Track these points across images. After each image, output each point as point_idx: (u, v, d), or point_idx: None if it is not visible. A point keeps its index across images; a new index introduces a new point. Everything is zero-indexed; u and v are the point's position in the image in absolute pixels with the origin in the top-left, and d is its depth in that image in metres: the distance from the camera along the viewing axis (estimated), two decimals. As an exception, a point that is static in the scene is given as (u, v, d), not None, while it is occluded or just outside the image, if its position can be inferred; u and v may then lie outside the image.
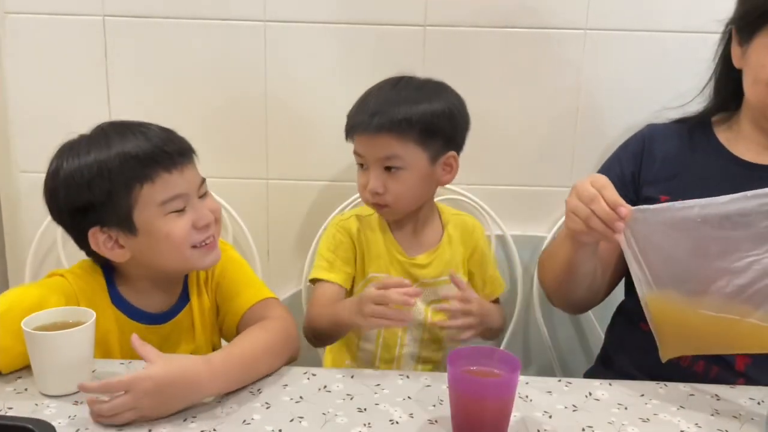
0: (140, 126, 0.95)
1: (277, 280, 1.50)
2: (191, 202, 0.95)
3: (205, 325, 1.05)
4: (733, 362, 1.00)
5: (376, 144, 1.10)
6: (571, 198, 0.92)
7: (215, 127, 1.43)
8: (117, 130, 0.94)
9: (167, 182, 0.92)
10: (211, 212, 0.97)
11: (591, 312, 1.47)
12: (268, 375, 0.92)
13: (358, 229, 1.19)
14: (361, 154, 1.13)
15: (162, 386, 0.80)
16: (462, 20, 1.37)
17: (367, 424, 0.81)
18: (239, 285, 1.05)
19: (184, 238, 0.94)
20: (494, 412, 0.77)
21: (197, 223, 0.95)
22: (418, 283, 1.18)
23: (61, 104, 1.41)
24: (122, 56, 1.40)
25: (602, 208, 0.89)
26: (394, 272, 1.18)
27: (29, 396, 0.85)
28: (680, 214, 0.86)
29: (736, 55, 1.02)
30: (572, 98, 1.41)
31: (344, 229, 1.20)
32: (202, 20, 1.38)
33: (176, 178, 0.93)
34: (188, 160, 0.96)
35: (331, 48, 1.39)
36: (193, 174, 0.96)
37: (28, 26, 1.38)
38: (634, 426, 0.82)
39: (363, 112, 1.11)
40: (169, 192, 0.92)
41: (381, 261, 1.18)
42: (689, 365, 1.02)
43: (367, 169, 1.13)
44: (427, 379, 0.92)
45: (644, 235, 0.89)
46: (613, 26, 1.37)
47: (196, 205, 0.96)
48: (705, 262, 0.87)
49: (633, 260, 0.91)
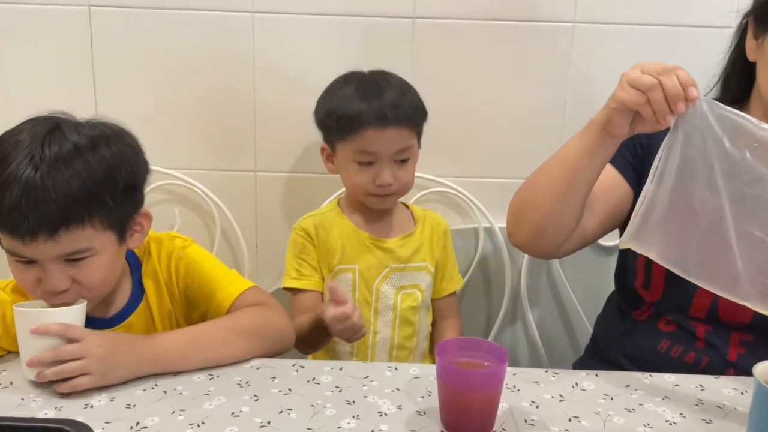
0: (30, 158, 0.82)
1: (265, 272, 1.50)
2: (43, 265, 0.86)
3: (165, 327, 1.02)
4: (726, 353, 1.00)
5: (391, 137, 1.13)
6: (633, 71, 0.86)
7: (203, 119, 1.42)
8: (18, 144, 0.84)
9: (12, 242, 0.84)
10: (72, 280, 0.87)
11: (578, 304, 1.48)
12: (248, 359, 0.93)
13: (315, 226, 1.22)
14: (370, 150, 1.14)
15: (111, 343, 0.84)
16: (450, 12, 1.37)
17: (355, 416, 0.81)
18: (214, 282, 1.01)
19: (30, 291, 0.89)
20: (482, 403, 0.77)
21: (41, 286, 0.87)
22: (389, 268, 1.21)
23: (46, 96, 1.39)
24: (108, 47, 1.38)
25: (673, 81, 0.82)
26: (365, 257, 1.21)
27: (14, 390, 0.85)
28: (744, 128, 0.81)
29: (751, 48, 1.00)
30: (560, 91, 1.42)
31: (303, 230, 1.23)
32: (189, 11, 1.36)
33: (22, 247, 0.84)
34: (34, 237, 0.83)
35: (319, 40, 1.38)
36: (44, 247, 0.84)
37: (12, 16, 1.36)
38: (620, 416, 0.83)
39: (372, 107, 1.12)
40: (15, 249, 0.85)
41: (346, 251, 1.21)
42: (680, 356, 1.03)
43: (370, 165, 1.15)
44: (415, 371, 0.93)
45: (688, 133, 0.84)
46: (601, 19, 1.38)
47: (47, 269, 0.86)
48: (733, 186, 0.83)
49: (666, 150, 0.86)
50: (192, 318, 1.04)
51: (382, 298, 1.22)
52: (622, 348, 1.09)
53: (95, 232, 0.87)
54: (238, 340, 0.93)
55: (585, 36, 1.38)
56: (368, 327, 1.21)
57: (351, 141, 1.15)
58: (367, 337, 1.20)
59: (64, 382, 0.82)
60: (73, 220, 0.84)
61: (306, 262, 1.22)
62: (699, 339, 1.02)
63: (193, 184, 1.43)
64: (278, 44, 1.38)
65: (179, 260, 1.02)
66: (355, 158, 1.16)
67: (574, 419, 0.82)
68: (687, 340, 1.03)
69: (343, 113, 1.14)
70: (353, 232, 1.22)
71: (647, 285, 1.06)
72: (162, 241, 1.04)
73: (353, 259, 1.21)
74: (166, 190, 1.45)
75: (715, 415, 0.84)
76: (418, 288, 1.24)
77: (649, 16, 1.37)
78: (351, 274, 1.22)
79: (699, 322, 1.02)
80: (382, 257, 1.22)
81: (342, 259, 1.21)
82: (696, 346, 1.02)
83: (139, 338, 0.90)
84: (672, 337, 1.04)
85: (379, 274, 1.22)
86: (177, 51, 1.38)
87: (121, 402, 0.82)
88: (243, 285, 1.02)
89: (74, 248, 0.86)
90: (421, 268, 1.24)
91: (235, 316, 0.97)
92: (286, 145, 1.44)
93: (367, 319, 1.21)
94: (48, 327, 0.82)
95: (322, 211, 1.27)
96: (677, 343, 1.03)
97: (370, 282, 1.22)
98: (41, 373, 0.83)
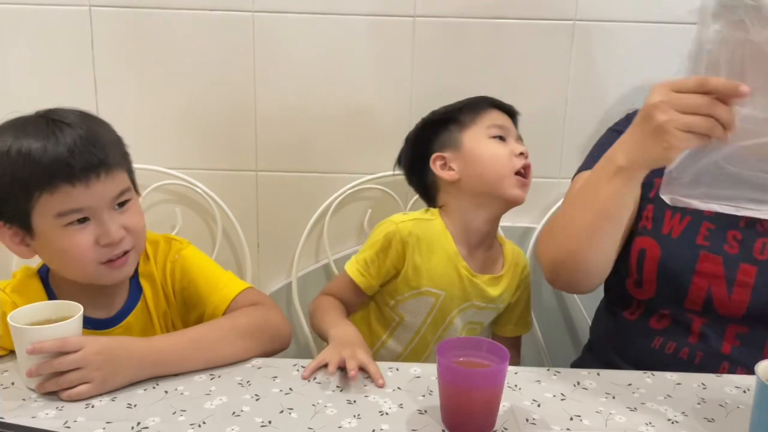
0: (63, 123, 0.88)
1: (266, 272, 1.50)
2: (97, 216, 0.89)
3: (162, 328, 1.03)
4: (720, 345, 1.00)
5: (512, 123, 1.20)
6: (666, 112, 0.77)
7: (204, 119, 1.42)
8: (38, 122, 0.88)
9: (68, 194, 0.86)
10: (126, 228, 0.91)
11: (579, 302, 1.48)
12: (248, 359, 0.93)
13: (418, 238, 1.12)
14: (502, 125, 1.17)
15: (109, 349, 0.84)
16: (451, 11, 1.36)
17: (356, 415, 0.81)
18: (210, 284, 1.01)
19: (83, 254, 0.89)
20: (483, 402, 0.77)
21: (100, 240, 0.89)
22: (470, 303, 1.16)
23: (47, 96, 1.38)
24: (109, 47, 1.38)
25: (724, 111, 0.74)
26: (455, 287, 1.14)
27: (16, 390, 0.85)
28: None
29: None
30: (561, 89, 1.41)
31: (399, 235, 1.11)
32: (190, 10, 1.36)
33: (79, 192, 0.86)
34: (95, 175, 0.87)
35: (320, 39, 1.38)
36: (104, 187, 0.88)
37: (12, 16, 1.36)
38: (622, 415, 0.83)
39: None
40: (69, 205, 0.87)
41: (441, 276, 1.13)
42: (674, 352, 1.02)
43: (505, 140, 1.16)
44: (416, 370, 0.92)
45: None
46: (602, 17, 1.37)
47: (103, 220, 0.89)
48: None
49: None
50: (189, 320, 1.04)
51: (450, 330, 1.17)
52: (616, 349, 1.09)
53: (127, 176, 0.95)
54: (237, 339, 0.93)
55: (586, 34, 1.38)
56: (426, 349, 1.18)
57: (480, 114, 1.20)
58: (421, 355, 1.18)
59: (66, 391, 0.82)
60: (118, 161, 0.92)
61: (378, 262, 1.13)
62: (693, 333, 1.01)
63: (194, 183, 1.43)
64: (278, 44, 1.38)
65: (175, 262, 1.02)
66: (493, 132, 1.16)
67: (575, 418, 0.82)
68: (680, 335, 1.02)
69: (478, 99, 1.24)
70: (455, 257, 1.13)
71: (639, 283, 1.05)
72: (158, 242, 1.04)
73: (444, 286, 1.13)
74: (167, 190, 1.45)
75: (717, 413, 0.84)
76: (482, 324, 1.22)
77: (651, 14, 1.37)
78: (434, 299, 1.14)
79: (695, 314, 1.01)
80: (470, 292, 1.15)
81: (433, 283, 1.13)
82: (689, 341, 1.01)
83: (138, 342, 0.89)
84: (664, 334, 1.03)
85: (458, 306, 1.15)
86: (177, 51, 1.38)
87: (122, 402, 0.82)
88: (239, 286, 1.02)
89: (123, 186, 0.92)
90: (498, 309, 1.21)
91: (233, 316, 0.97)
92: (287, 144, 1.44)
93: (426, 341, 1.17)
94: (44, 346, 0.81)
95: (426, 217, 1.15)
96: (670, 340, 1.03)
97: (447, 312, 1.15)
98: (41, 384, 0.83)
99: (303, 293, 1.46)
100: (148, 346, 0.88)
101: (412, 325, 1.16)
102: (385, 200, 1.45)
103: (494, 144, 1.14)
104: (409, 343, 1.18)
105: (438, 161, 1.17)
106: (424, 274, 1.13)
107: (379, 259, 1.13)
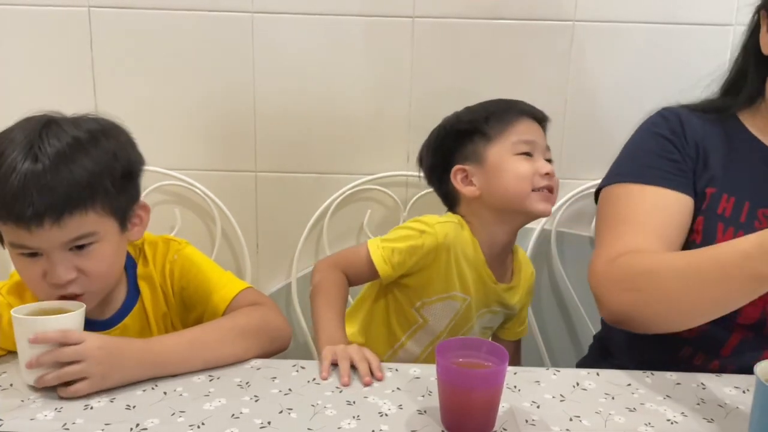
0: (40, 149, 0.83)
1: (266, 273, 1.50)
2: (48, 253, 0.86)
3: (160, 329, 1.02)
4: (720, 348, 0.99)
5: (541, 132, 1.15)
6: None
7: (203, 119, 1.42)
8: (25, 138, 0.85)
9: (14, 231, 0.85)
10: (81, 270, 0.88)
11: (580, 305, 1.48)
12: (248, 359, 0.93)
13: (452, 244, 1.09)
14: (530, 140, 1.11)
15: (110, 345, 0.84)
16: (450, 11, 1.37)
17: (356, 416, 0.81)
18: (209, 284, 1.01)
19: (34, 286, 0.89)
20: (482, 403, 0.77)
21: (47, 277, 0.87)
22: (489, 309, 1.16)
23: (46, 96, 1.38)
24: (108, 48, 1.38)
25: None
26: (480, 293, 1.14)
27: (14, 391, 0.85)
28: None
29: (765, 43, 0.97)
30: (560, 90, 1.41)
31: (435, 237, 1.08)
32: (189, 11, 1.36)
33: (23, 233, 0.84)
34: (36, 223, 0.83)
35: (319, 39, 1.38)
36: (49, 234, 0.84)
37: (12, 16, 1.36)
38: (621, 415, 0.83)
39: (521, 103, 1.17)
40: (17, 239, 0.86)
41: (470, 282, 1.12)
42: (703, 363, 1.00)
43: (532, 157, 1.11)
44: (415, 371, 0.92)
45: None
46: (601, 18, 1.37)
47: (52, 259, 0.86)
48: None
49: None
50: (188, 320, 1.04)
51: (469, 335, 1.16)
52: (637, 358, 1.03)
53: (98, 218, 0.88)
54: (237, 340, 0.93)
55: (585, 35, 1.38)
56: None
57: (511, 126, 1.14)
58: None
59: (65, 387, 0.82)
60: (77, 205, 0.85)
61: (405, 257, 1.09)
62: (726, 346, 0.98)
63: (193, 184, 1.43)
64: (278, 44, 1.38)
65: (174, 263, 1.02)
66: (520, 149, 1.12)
67: (575, 419, 0.81)
68: (711, 346, 0.98)
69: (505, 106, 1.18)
70: (482, 264, 1.13)
71: None
72: (156, 243, 1.04)
73: (471, 291, 1.12)
74: (167, 191, 1.45)
75: (716, 414, 0.84)
76: (493, 329, 1.23)
77: (650, 14, 1.37)
78: (460, 304, 1.13)
79: (743, 329, 0.97)
80: (491, 299, 1.15)
81: (462, 287, 1.12)
82: (721, 353, 0.98)
83: (139, 342, 0.89)
84: (693, 344, 1.00)
85: (478, 311, 1.15)
86: (177, 51, 1.38)
87: (120, 403, 0.82)
88: (238, 286, 1.02)
89: (79, 233, 0.86)
90: (511, 315, 1.21)
91: (232, 316, 0.97)
92: (287, 145, 1.44)
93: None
94: (46, 336, 0.82)
95: (457, 221, 1.12)
96: (700, 351, 0.99)
97: (469, 317, 1.15)
98: (41, 378, 0.83)
99: (302, 294, 1.46)
100: (148, 346, 0.88)
101: (435, 328, 1.15)
102: (384, 201, 1.46)
103: (520, 162, 1.10)
104: (429, 345, 1.17)
105: (459, 174, 1.14)
106: (455, 278, 1.11)
107: (407, 253, 1.09)
